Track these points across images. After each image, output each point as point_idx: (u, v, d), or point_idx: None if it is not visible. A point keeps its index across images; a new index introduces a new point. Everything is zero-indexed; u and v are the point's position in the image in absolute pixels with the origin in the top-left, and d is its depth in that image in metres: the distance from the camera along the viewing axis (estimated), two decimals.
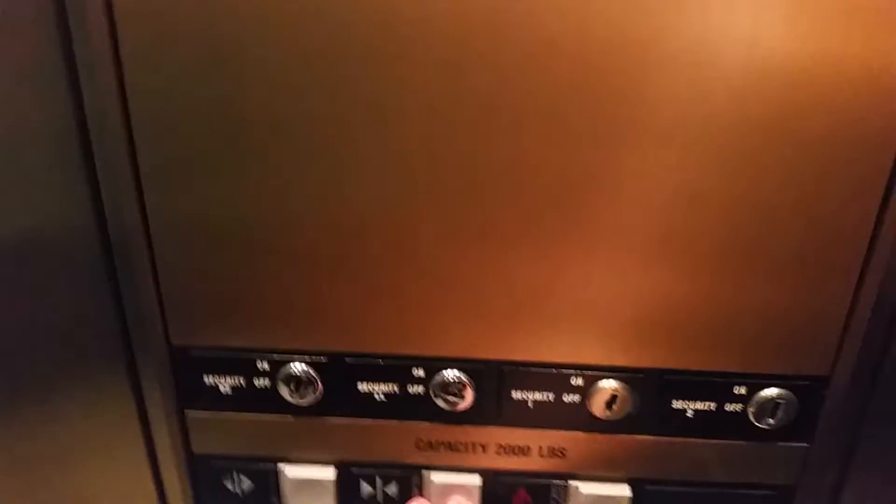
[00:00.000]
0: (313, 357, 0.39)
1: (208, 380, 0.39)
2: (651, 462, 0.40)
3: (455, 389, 0.39)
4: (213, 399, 0.40)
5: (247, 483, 0.42)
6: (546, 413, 0.39)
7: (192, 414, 0.40)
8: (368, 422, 0.40)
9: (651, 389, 0.38)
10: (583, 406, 0.39)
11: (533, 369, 0.38)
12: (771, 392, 0.38)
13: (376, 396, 0.39)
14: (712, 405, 0.38)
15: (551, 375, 0.38)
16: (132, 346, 0.39)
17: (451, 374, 0.38)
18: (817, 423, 0.39)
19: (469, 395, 0.39)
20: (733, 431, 0.39)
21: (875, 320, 0.36)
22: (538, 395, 0.39)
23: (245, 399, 0.40)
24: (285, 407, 0.40)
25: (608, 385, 0.38)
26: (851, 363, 0.37)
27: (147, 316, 0.38)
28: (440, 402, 0.39)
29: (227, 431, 0.41)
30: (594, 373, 0.38)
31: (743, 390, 0.38)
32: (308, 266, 0.36)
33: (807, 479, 0.40)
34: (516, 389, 0.39)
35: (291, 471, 0.41)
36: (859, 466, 0.41)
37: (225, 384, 0.39)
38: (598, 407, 0.39)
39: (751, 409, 0.38)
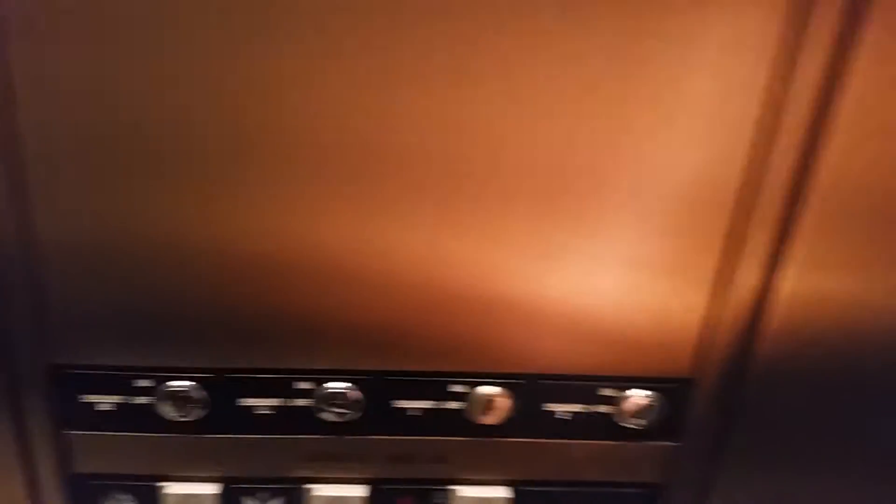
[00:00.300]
0: (196, 373, 0.39)
1: (88, 398, 0.39)
2: (529, 464, 0.42)
3: (341, 401, 0.39)
4: (94, 418, 0.39)
5: (129, 502, 0.41)
6: (429, 421, 0.40)
7: (72, 433, 0.40)
8: (253, 437, 0.40)
9: (527, 393, 0.40)
10: (463, 412, 0.40)
11: (416, 378, 0.40)
12: (639, 393, 0.40)
13: (260, 411, 0.40)
14: (584, 407, 0.40)
15: (434, 383, 0.40)
16: (9, 365, 0.38)
17: (336, 385, 0.39)
18: (685, 422, 0.41)
19: (355, 406, 0.40)
20: (604, 432, 0.41)
21: (736, 322, 0.39)
22: (421, 404, 0.40)
23: (127, 417, 0.39)
24: (168, 425, 0.39)
25: (487, 391, 0.40)
26: (715, 364, 0.40)
27: (25, 334, 0.37)
28: (326, 415, 0.40)
29: (109, 450, 0.40)
30: (473, 379, 0.40)
31: (612, 392, 0.40)
32: (188, 282, 0.36)
33: (676, 477, 0.43)
34: (401, 399, 0.40)
35: (173, 488, 0.41)
36: (729, 464, 0.44)
37: (106, 402, 0.39)
38: (477, 412, 0.40)
39: (620, 410, 0.40)
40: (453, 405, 0.40)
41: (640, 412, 0.40)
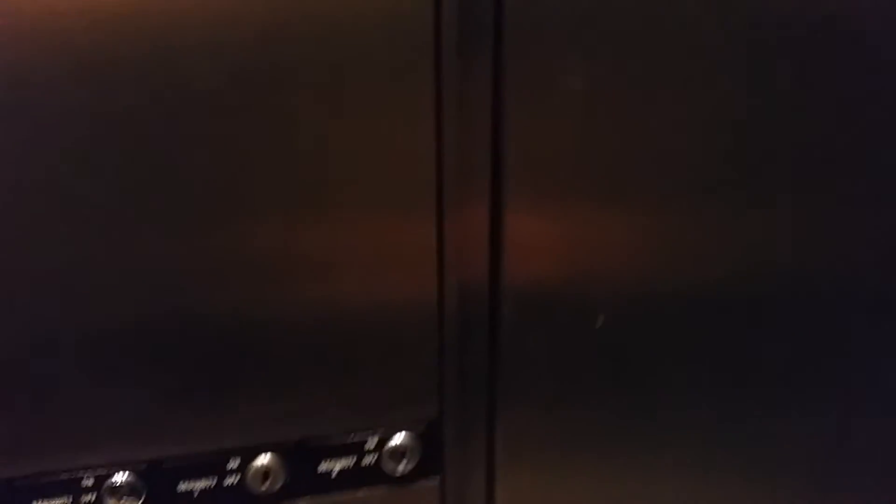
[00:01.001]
0: None
1: None
2: None
3: (125, 492, 0.42)
4: None
5: None
6: (213, 499, 0.44)
7: None
8: None
9: (297, 458, 0.44)
10: (242, 485, 0.44)
11: (190, 461, 0.43)
12: (397, 440, 0.45)
13: None
14: (352, 462, 0.45)
15: (207, 464, 0.43)
16: None
17: (120, 477, 0.42)
18: (443, 459, 0.46)
19: (138, 495, 0.43)
20: (375, 480, 0.45)
21: (466, 363, 0.45)
22: (201, 483, 0.43)
23: None
24: None
25: (261, 462, 0.44)
26: (457, 404, 0.45)
27: None
28: None
29: None
30: (246, 452, 0.44)
31: (374, 443, 0.45)
32: None
33: None
34: (182, 481, 0.43)
35: None
36: (502, 492, 0.49)
37: None
38: (255, 483, 0.44)
39: (384, 458, 0.45)
40: (231, 480, 0.44)
41: (403, 456, 0.45)
